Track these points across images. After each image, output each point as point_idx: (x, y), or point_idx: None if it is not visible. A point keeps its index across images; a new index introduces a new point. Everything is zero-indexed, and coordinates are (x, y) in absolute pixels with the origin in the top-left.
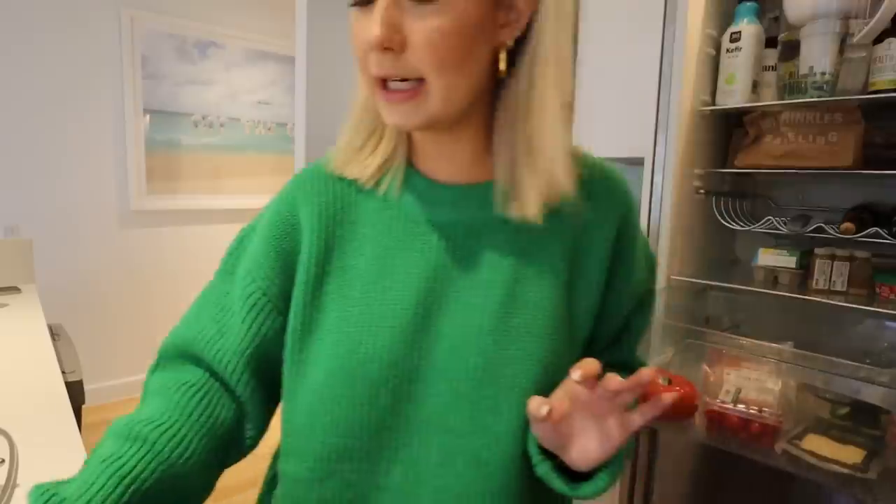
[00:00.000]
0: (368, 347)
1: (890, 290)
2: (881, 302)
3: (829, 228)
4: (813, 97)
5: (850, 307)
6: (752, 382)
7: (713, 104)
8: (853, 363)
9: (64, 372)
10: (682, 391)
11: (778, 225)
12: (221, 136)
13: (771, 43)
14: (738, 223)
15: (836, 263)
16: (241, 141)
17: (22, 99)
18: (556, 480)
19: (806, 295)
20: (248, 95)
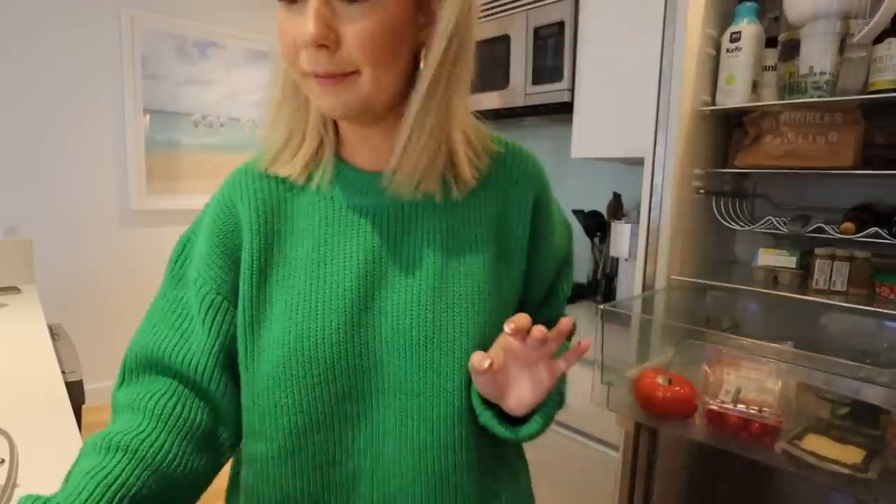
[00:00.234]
0: (318, 330)
1: (890, 290)
2: (881, 302)
3: (829, 228)
4: (813, 97)
5: (850, 307)
6: (752, 382)
7: (713, 104)
8: (853, 363)
9: (64, 372)
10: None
11: (778, 225)
12: (221, 136)
13: (771, 43)
14: (738, 223)
15: (836, 263)
16: (241, 141)
17: (22, 99)
18: (497, 427)
19: (806, 295)
20: (248, 95)
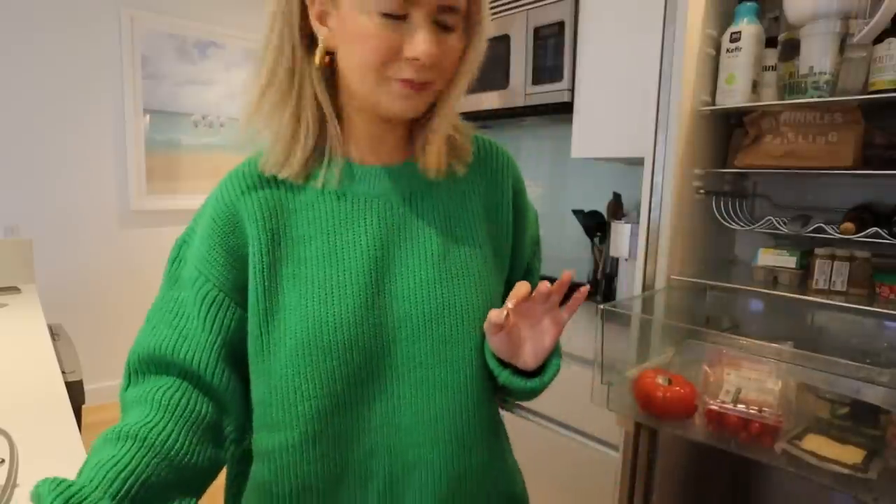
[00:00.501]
0: (334, 315)
1: (890, 290)
2: (881, 302)
3: (829, 228)
4: (813, 97)
5: (850, 307)
6: (752, 382)
7: (713, 104)
8: (853, 363)
9: (64, 372)
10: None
11: (778, 225)
12: (221, 136)
13: (771, 43)
14: (738, 223)
15: (836, 263)
16: (240, 141)
17: (22, 99)
18: (517, 380)
19: (806, 295)
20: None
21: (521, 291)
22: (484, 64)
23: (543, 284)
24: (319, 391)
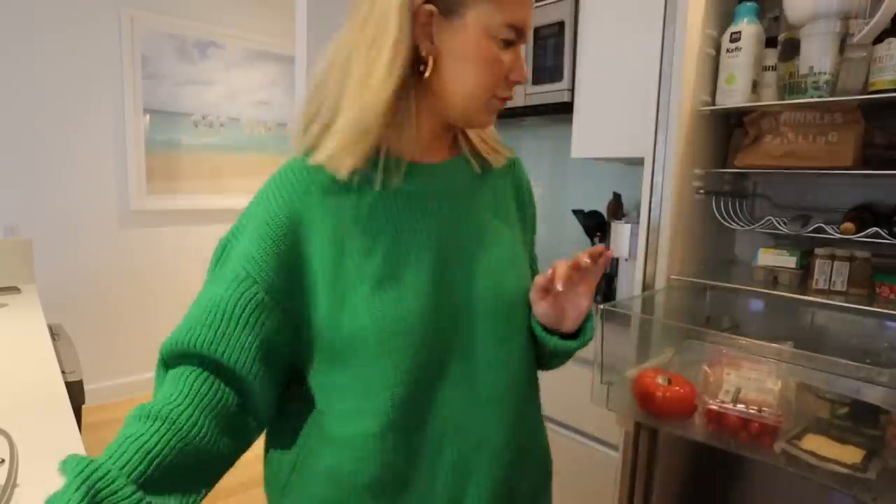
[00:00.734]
0: (409, 303)
1: (890, 290)
2: (881, 302)
3: (829, 228)
4: (813, 97)
5: (850, 307)
6: (751, 382)
7: (713, 104)
8: (853, 363)
9: (64, 372)
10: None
11: (778, 225)
12: (221, 136)
13: (771, 43)
14: (738, 223)
15: (836, 263)
16: (241, 141)
17: (22, 99)
18: (566, 343)
19: (806, 295)
20: (247, 95)
21: (563, 264)
22: None
23: (582, 255)
24: (405, 377)
